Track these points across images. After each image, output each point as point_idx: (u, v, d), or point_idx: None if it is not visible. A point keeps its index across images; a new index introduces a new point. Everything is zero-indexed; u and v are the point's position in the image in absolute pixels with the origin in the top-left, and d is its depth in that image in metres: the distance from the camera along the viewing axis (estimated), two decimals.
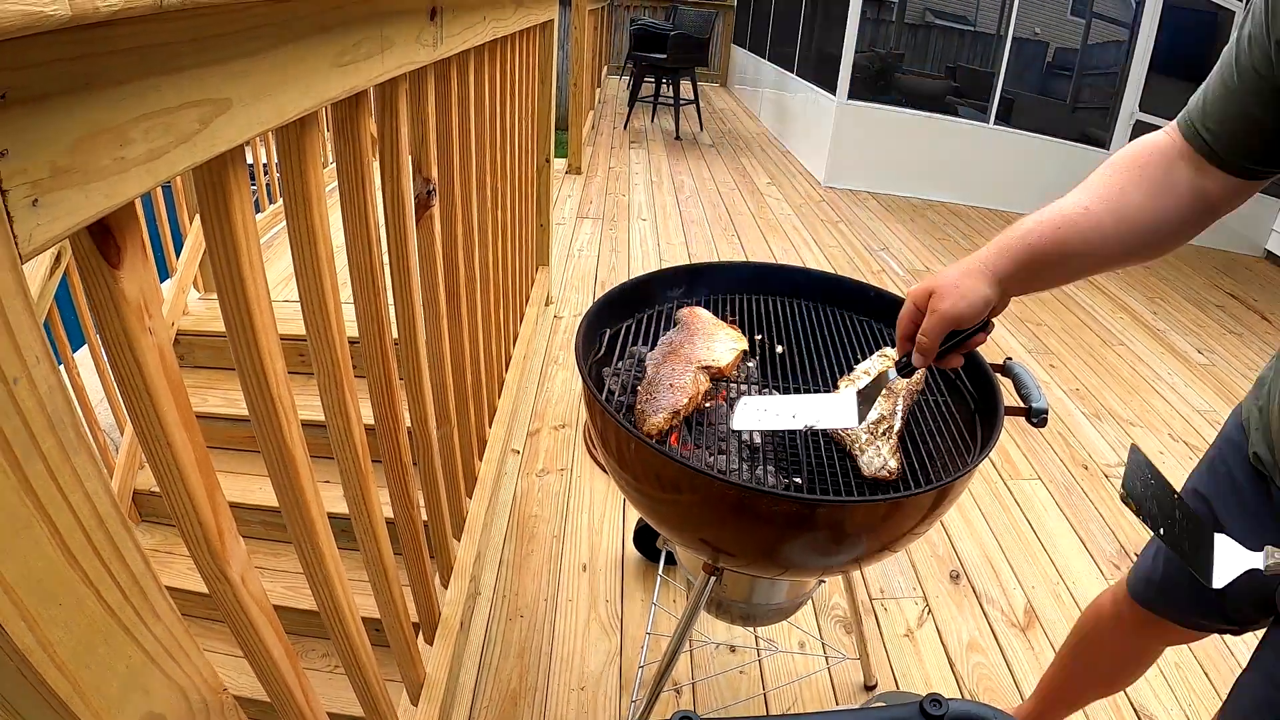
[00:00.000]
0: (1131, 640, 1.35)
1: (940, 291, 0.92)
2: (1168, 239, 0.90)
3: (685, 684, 1.81)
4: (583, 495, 2.42)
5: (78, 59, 0.44)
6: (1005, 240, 0.92)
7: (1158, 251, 0.92)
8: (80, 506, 0.49)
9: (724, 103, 10.50)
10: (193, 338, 2.60)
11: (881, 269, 4.53)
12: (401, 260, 1.25)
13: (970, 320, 0.92)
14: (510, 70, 2.12)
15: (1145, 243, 0.90)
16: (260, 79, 0.65)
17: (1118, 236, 0.89)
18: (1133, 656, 1.41)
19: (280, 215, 3.31)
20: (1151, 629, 1.26)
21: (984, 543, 2.35)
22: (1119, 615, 1.32)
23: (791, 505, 0.98)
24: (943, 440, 1.19)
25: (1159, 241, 0.91)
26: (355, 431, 1.06)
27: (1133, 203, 0.88)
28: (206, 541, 0.72)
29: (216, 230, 0.71)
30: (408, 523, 1.38)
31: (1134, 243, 0.90)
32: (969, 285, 0.91)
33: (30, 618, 0.46)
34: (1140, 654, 1.41)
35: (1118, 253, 0.91)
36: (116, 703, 0.55)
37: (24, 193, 0.42)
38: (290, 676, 0.90)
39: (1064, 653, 1.52)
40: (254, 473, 2.33)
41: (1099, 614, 1.40)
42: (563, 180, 5.83)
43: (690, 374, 1.20)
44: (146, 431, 0.64)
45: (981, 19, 6.32)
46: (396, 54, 1.02)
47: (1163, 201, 0.88)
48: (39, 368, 0.45)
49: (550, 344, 3.32)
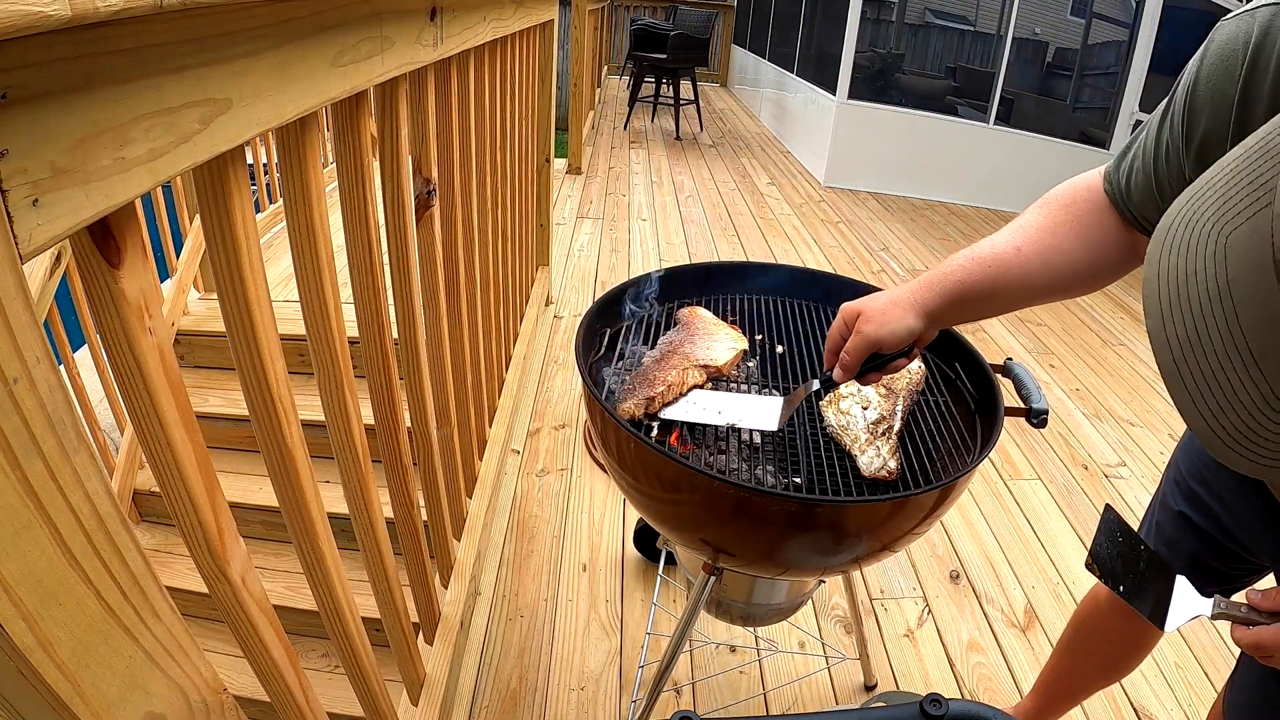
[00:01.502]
0: (1129, 622, 1.36)
1: (866, 315, 0.96)
2: (1099, 278, 0.94)
3: (685, 684, 1.81)
4: (583, 495, 2.42)
5: (78, 59, 0.44)
6: (935, 276, 0.95)
7: (1090, 288, 0.95)
8: (80, 506, 0.49)
9: (724, 103, 10.50)
10: (193, 338, 2.60)
11: (882, 269, 4.53)
12: (401, 260, 1.25)
13: (891, 347, 0.97)
14: (510, 70, 2.12)
15: (1076, 281, 0.93)
16: (260, 79, 0.65)
17: (1047, 277, 0.92)
18: (1131, 640, 1.42)
19: (280, 215, 3.31)
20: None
21: (984, 543, 2.35)
22: (1107, 599, 1.36)
23: (791, 505, 0.98)
24: (943, 440, 1.19)
25: (1090, 280, 0.94)
26: (355, 431, 1.06)
27: (1063, 246, 0.91)
28: (206, 541, 0.72)
29: (216, 230, 0.71)
30: (407, 523, 1.38)
31: (1064, 282, 0.93)
32: (895, 315, 0.95)
33: (30, 617, 0.46)
34: (1138, 638, 1.41)
35: (1046, 290, 0.94)
36: (116, 703, 0.55)
37: (24, 192, 0.42)
38: (290, 676, 0.90)
39: (1062, 645, 1.53)
40: (254, 473, 2.33)
41: (1096, 600, 1.42)
42: (563, 180, 5.83)
43: (680, 369, 1.20)
44: (146, 431, 0.64)
45: (981, 19, 6.32)
46: (396, 54, 1.02)
47: (1093, 246, 0.91)
48: (39, 367, 0.45)
49: (550, 344, 3.32)
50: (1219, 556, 1.12)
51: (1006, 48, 5.93)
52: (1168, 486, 1.19)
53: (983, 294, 0.93)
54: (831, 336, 1.02)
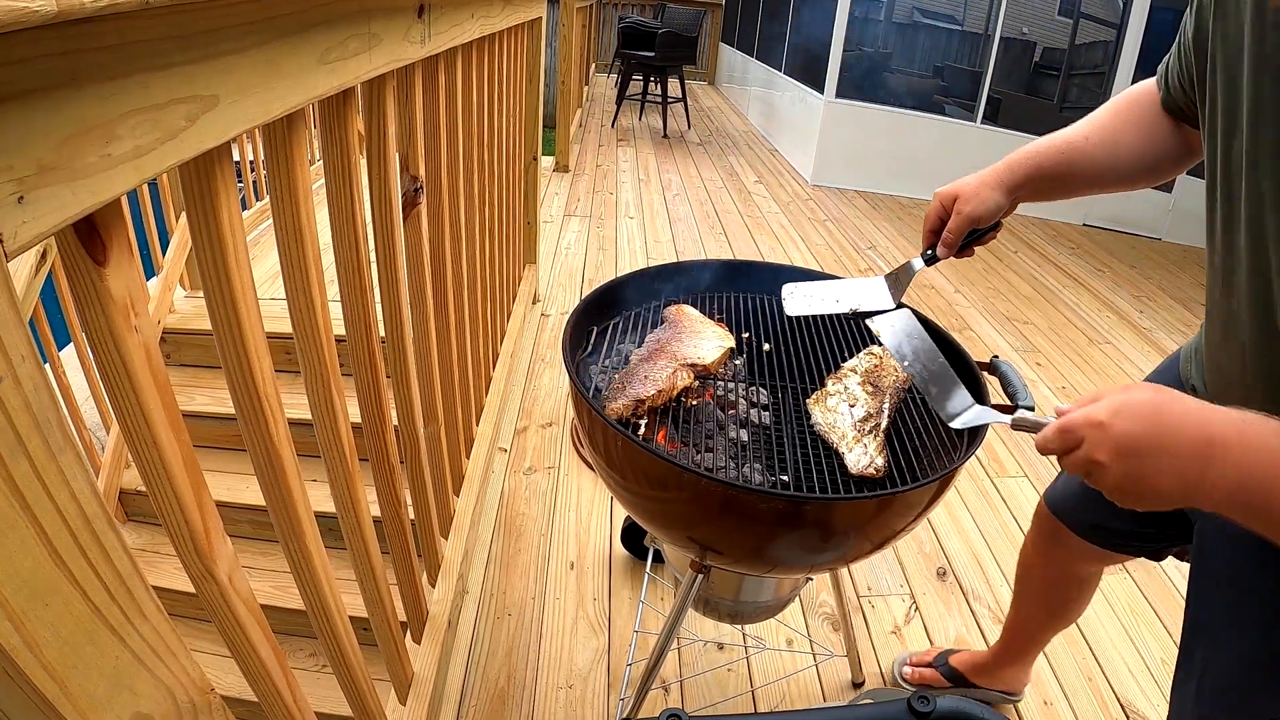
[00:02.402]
0: (1055, 556, 1.43)
1: (964, 196, 1.10)
2: (1154, 171, 1.09)
3: (673, 681, 1.82)
4: (570, 493, 2.42)
5: (64, 55, 0.44)
6: (1016, 159, 1.10)
7: (1151, 179, 1.10)
8: (66, 506, 0.49)
9: (712, 101, 10.51)
10: (179, 336, 2.58)
11: (869, 267, 4.54)
12: (389, 258, 1.25)
13: (986, 221, 1.11)
14: (498, 68, 2.11)
15: (1134, 172, 1.09)
16: (247, 75, 0.65)
17: (1111, 164, 1.08)
18: (1063, 578, 1.48)
19: (267, 212, 3.30)
20: (1068, 545, 1.37)
21: (971, 540, 2.37)
22: (1040, 533, 1.45)
23: (779, 503, 0.98)
24: (929, 438, 1.19)
25: (1147, 172, 1.09)
26: (342, 430, 1.05)
27: (1124, 140, 1.07)
28: (193, 541, 0.71)
29: (203, 228, 0.70)
30: (395, 521, 1.37)
31: (1125, 171, 1.08)
32: (987, 193, 1.09)
33: (16, 618, 0.46)
34: (1068, 576, 1.47)
35: (1110, 179, 1.09)
36: (103, 703, 0.55)
37: (10, 190, 0.42)
38: (278, 676, 0.90)
39: (1014, 588, 1.63)
40: (241, 472, 2.32)
41: (1026, 546, 1.51)
42: (550, 178, 5.82)
43: (669, 370, 1.20)
44: (132, 430, 0.63)
45: (969, 18, 6.35)
46: (384, 51, 1.01)
47: (1149, 141, 1.06)
48: (24, 366, 0.45)
49: (538, 342, 3.32)
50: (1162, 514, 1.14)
51: (994, 47, 5.96)
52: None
53: (1057, 175, 1.09)
54: (929, 219, 1.16)
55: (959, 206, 1.11)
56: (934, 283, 4.37)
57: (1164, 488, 0.69)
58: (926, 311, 1.39)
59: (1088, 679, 1.90)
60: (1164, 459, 0.68)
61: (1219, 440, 0.66)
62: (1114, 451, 0.71)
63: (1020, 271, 4.74)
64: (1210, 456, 0.66)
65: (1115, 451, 0.71)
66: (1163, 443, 0.68)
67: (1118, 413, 0.71)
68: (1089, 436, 0.73)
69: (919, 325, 1.16)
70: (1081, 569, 1.44)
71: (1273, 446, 0.64)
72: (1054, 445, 0.77)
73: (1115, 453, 0.71)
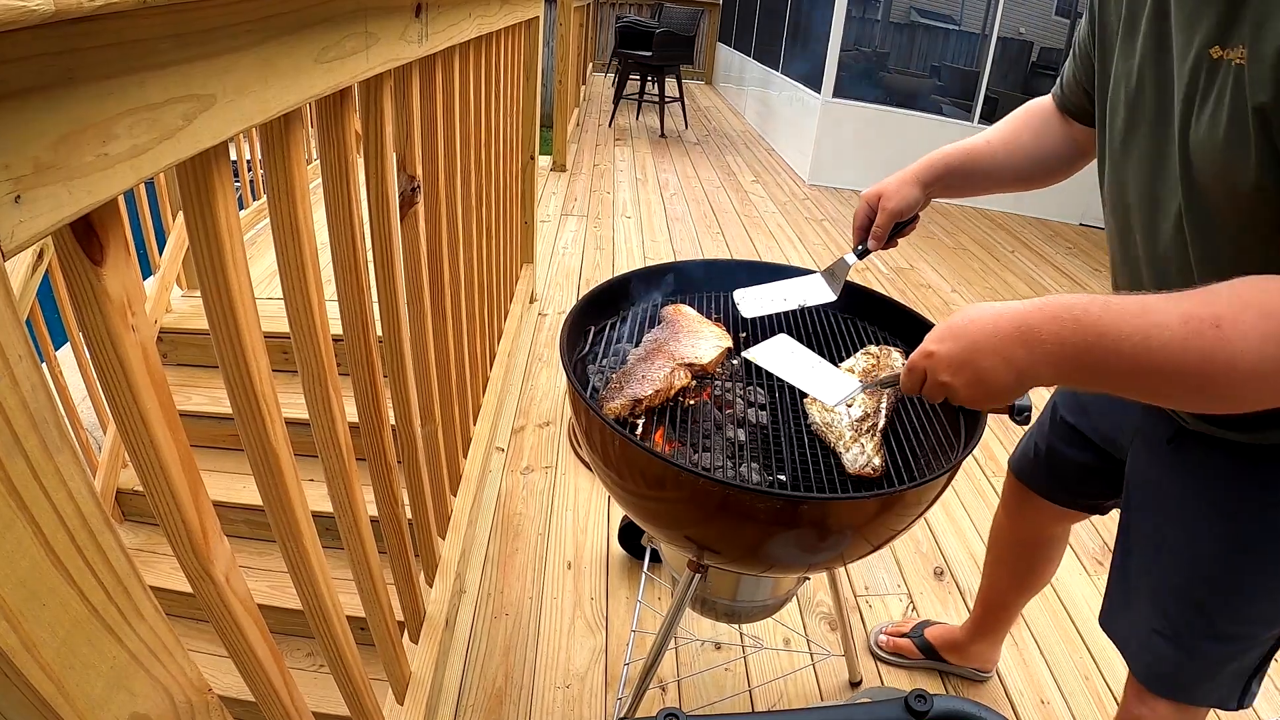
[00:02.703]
0: (1020, 518, 1.54)
1: (887, 194, 1.24)
2: (1048, 170, 1.25)
3: (671, 681, 1.82)
4: (567, 493, 2.42)
5: (61, 54, 0.44)
6: (931, 159, 1.26)
7: (1044, 180, 1.26)
8: (63, 506, 0.49)
9: (709, 100, 10.51)
10: (176, 335, 2.58)
11: (865, 266, 4.55)
12: (386, 257, 1.25)
13: (907, 214, 1.26)
14: (495, 67, 2.11)
15: (1031, 171, 1.25)
16: (244, 75, 0.65)
17: (1010, 165, 1.24)
18: (1031, 539, 1.57)
19: (264, 212, 3.29)
20: (1031, 505, 1.47)
21: (968, 539, 2.37)
22: (1008, 498, 1.55)
23: (776, 502, 0.99)
24: (926, 438, 1.19)
25: (1041, 170, 1.25)
26: (339, 429, 1.05)
27: (1022, 142, 1.24)
28: (190, 541, 0.71)
29: (200, 227, 0.70)
30: (392, 521, 1.37)
31: (1023, 170, 1.25)
32: (907, 190, 1.24)
33: (13, 618, 0.46)
34: (1036, 537, 1.56)
35: (1009, 177, 1.26)
36: (101, 703, 0.55)
37: (7, 189, 0.42)
38: (275, 676, 0.90)
39: (986, 557, 1.71)
40: (238, 471, 2.32)
41: (1000, 507, 1.60)
42: (547, 178, 5.82)
43: (667, 369, 1.20)
44: (129, 430, 0.63)
45: (966, 18, 6.35)
46: (381, 50, 1.01)
47: (1044, 143, 1.23)
48: (21, 365, 0.44)
49: (535, 341, 3.32)
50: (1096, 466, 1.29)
51: (991, 47, 5.96)
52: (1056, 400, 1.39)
53: (964, 173, 1.25)
54: (859, 218, 1.29)
55: (883, 204, 1.24)
56: (930, 282, 4.38)
57: (1003, 380, 0.80)
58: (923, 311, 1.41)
59: (1084, 678, 1.90)
60: (990, 357, 0.80)
61: (1032, 325, 0.77)
62: (950, 369, 0.84)
63: (1017, 271, 4.75)
64: (1028, 340, 0.77)
65: (951, 368, 0.84)
66: (985, 344, 0.81)
67: (941, 339, 0.85)
68: (928, 366, 0.87)
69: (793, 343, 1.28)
70: (1047, 529, 1.54)
71: (1076, 314, 0.75)
72: (911, 385, 0.91)
73: (951, 369, 0.84)
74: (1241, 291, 0.70)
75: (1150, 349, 0.71)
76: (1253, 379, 0.69)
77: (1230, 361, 0.69)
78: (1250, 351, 0.68)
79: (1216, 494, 1.00)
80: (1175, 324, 0.71)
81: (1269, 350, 0.67)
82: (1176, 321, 0.71)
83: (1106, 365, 0.74)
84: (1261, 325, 0.68)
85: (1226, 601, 1.02)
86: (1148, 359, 0.72)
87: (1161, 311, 0.72)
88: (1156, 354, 0.71)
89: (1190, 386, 0.72)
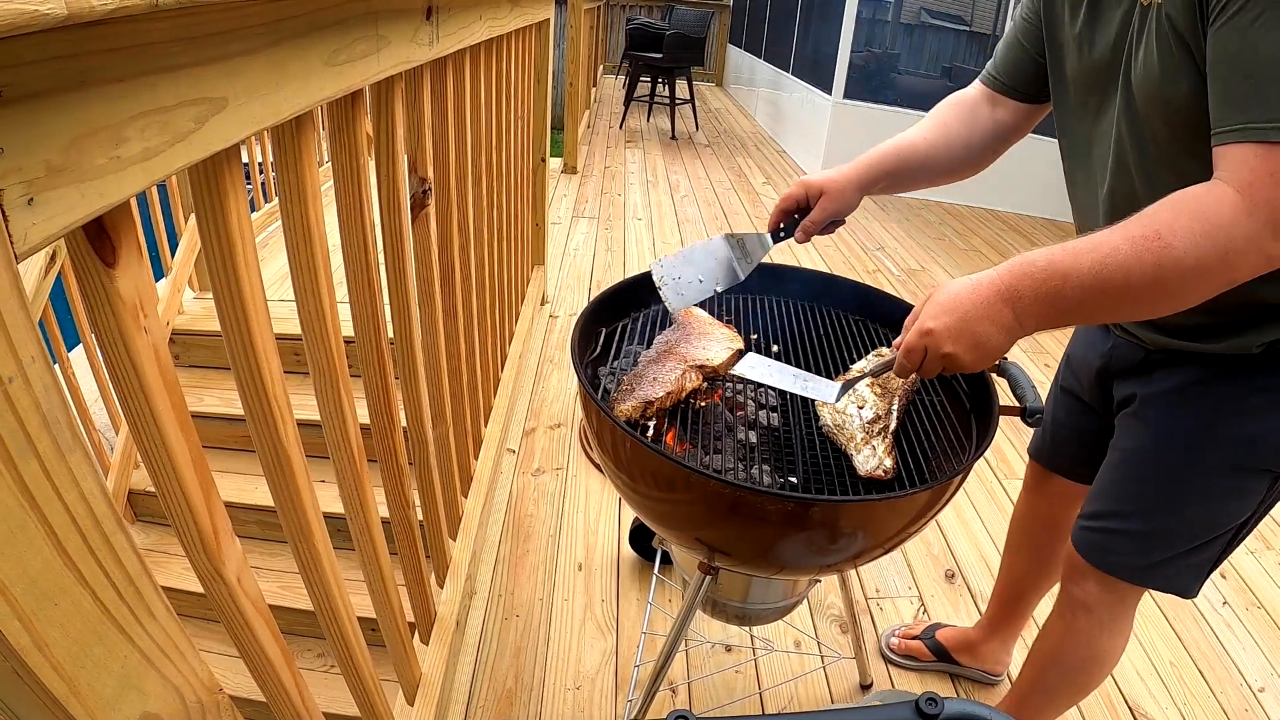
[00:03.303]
0: (1039, 498, 1.58)
1: (831, 194, 1.26)
2: (978, 160, 1.31)
3: (681, 683, 1.81)
4: (578, 495, 2.42)
5: (73, 57, 0.44)
6: (869, 162, 1.28)
7: (974, 166, 1.32)
8: (76, 506, 0.49)
9: (719, 102, 10.50)
10: (188, 337, 2.59)
11: (877, 269, 4.53)
12: (397, 259, 1.25)
13: (843, 214, 1.28)
14: (506, 69, 2.12)
15: (963, 162, 1.30)
16: (256, 78, 0.65)
17: (946, 155, 1.29)
18: (1047, 520, 1.59)
19: (275, 214, 3.31)
20: (1048, 484, 1.53)
21: (979, 542, 2.36)
22: (1027, 482, 1.60)
23: (787, 505, 0.98)
24: (938, 440, 1.19)
25: (973, 161, 1.31)
26: (351, 431, 1.06)
27: (955, 133, 1.29)
28: (202, 541, 0.71)
29: (212, 229, 0.70)
30: (403, 522, 1.38)
31: (956, 159, 1.30)
32: (850, 195, 1.27)
33: (26, 618, 0.46)
34: (1053, 519, 1.57)
35: (944, 168, 1.30)
36: (112, 703, 0.55)
37: (19, 191, 0.42)
38: (286, 676, 0.90)
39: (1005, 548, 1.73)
40: (250, 472, 2.33)
41: (1021, 496, 1.64)
42: (558, 180, 5.83)
43: (678, 371, 1.20)
44: (142, 431, 0.64)
45: (977, 19, 6.32)
46: (392, 53, 1.02)
47: (973, 132, 1.29)
48: (34, 367, 0.45)
49: (546, 343, 3.32)
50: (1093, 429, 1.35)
51: None
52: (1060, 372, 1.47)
53: (899, 173, 1.28)
54: (789, 200, 1.29)
55: (824, 204, 1.26)
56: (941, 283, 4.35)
57: (996, 339, 0.92)
58: None
59: None
60: (982, 323, 0.92)
61: (1010, 285, 0.90)
62: (951, 339, 0.94)
63: None
64: (1010, 298, 0.90)
65: (951, 339, 0.93)
66: (975, 312, 0.92)
67: (935, 316, 0.95)
68: (928, 344, 0.96)
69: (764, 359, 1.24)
70: (1064, 509, 1.54)
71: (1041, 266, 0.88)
72: (910, 364, 0.99)
73: (952, 339, 0.93)
74: (1172, 204, 0.84)
75: (1110, 272, 0.84)
76: (1197, 270, 0.82)
77: (1177, 261, 0.82)
78: (1191, 249, 0.81)
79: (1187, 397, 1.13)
80: (1124, 247, 0.84)
81: (1204, 245, 0.81)
82: (1124, 244, 0.84)
83: (1078, 299, 0.87)
84: (1194, 226, 0.81)
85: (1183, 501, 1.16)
86: (1109, 281, 0.84)
87: (1109, 242, 0.85)
88: (1115, 274, 0.84)
89: (1151, 293, 0.85)
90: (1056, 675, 1.41)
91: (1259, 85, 0.79)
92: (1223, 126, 0.83)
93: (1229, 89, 0.82)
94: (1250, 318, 1.03)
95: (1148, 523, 1.19)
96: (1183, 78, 0.88)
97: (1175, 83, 0.89)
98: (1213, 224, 0.81)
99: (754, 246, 1.29)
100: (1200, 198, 0.82)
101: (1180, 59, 0.88)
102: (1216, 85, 0.83)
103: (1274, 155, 0.79)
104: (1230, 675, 1.95)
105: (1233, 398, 1.08)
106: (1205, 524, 1.16)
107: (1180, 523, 1.17)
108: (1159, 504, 1.17)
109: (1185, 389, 1.12)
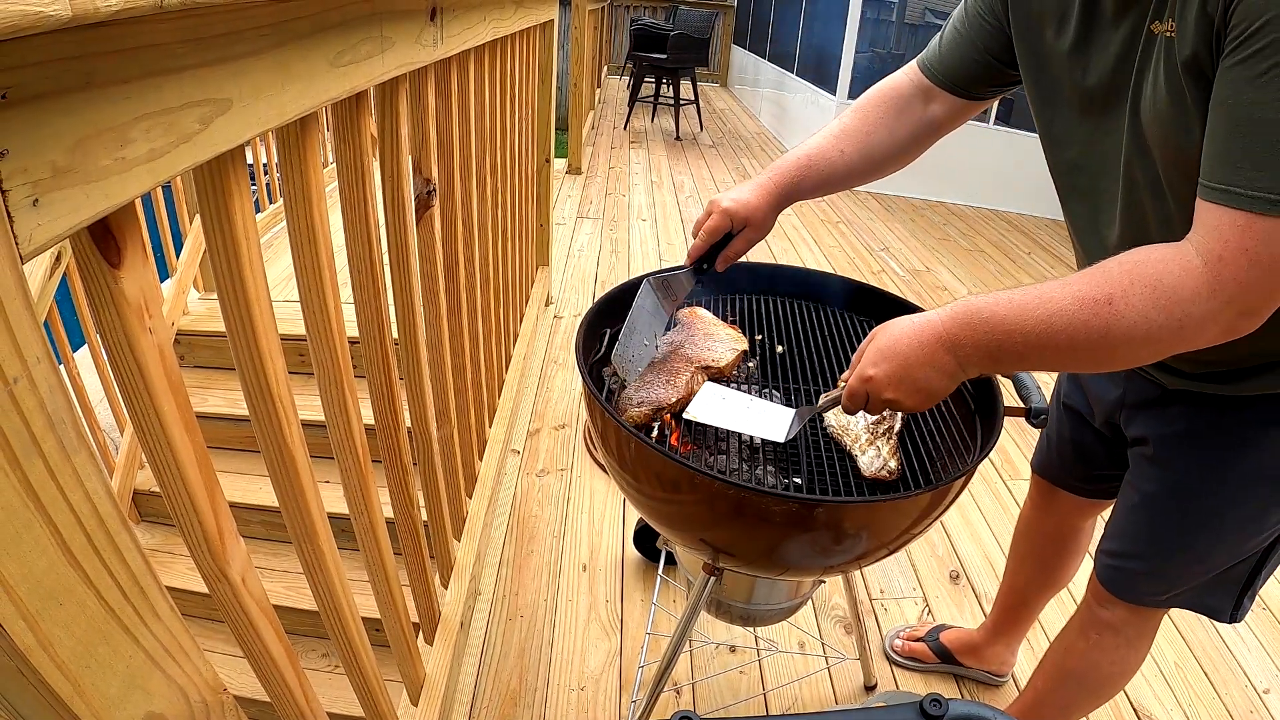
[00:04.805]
0: (1046, 514, 1.57)
1: (754, 224, 1.23)
2: (903, 156, 1.26)
3: (685, 684, 1.81)
4: (583, 495, 2.42)
5: (78, 59, 0.44)
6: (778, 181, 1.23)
7: (897, 166, 1.27)
8: (80, 506, 0.49)
9: (724, 103, 10.50)
10: (193, 337, 2.60)
11: (881, 269, 4.53)
12: (401, 260, 1.25)
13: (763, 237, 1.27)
14: (510, 70, 2.12)
15: (886, 160, 1.25)
16: (260, 79, 0.65)
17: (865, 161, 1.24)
18: (1053, 533, 1.59)
19: (280, 215, 3.31)
20: (1053, 498, 1.52)
21: (984, 543, 2.35)
22: (1031, 494, 1.59)
23: (791, 505, 0.98)
24: (942, 441, 1.19)
25: (898, 158, 1.26)
26: (355, 431, 1.06)
27: (877, 136, 1.23)
28: (206, 542, 0.72)
29: (216, 230, 0.71)
30: (408, 523, 1.38)
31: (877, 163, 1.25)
32: (769, 218, 1.24)
33: (31, 617, 0.46)
34: (1058, 531, 1.58)
35: (865, 169, 1.25)
36: (117, 703, 0.55)
37: (24, 192, 0.42)
38: (290, 676, 0.90)
39: (1009, 554, 1.73)
40: (254, 473, 2.33)
41: (1027, 505, 1.63)
42: (563, 180, 5.83)
43: (687, 374, 1.20)
44: (146, 431, 0.64)
45: None
46: (397, 54, 1.02)
47: (899, 130, 1.23)
48: (39, 367, 0.45)
49: (550, 344, 3.32)
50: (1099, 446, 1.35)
51: None
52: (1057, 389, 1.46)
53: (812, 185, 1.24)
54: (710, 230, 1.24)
55: (749, 234, 1.24)
56: (947, 284, 4.35)
57: (938, 383, 0.92)
58: None
59: None
60: (922, 369, 0.91)
61: (950, 333, 0.89)
62: (890, 386, 0.93)
63: (1034, 273, 4.72)
64: (951, 346, 0.89)
65: (891, 385, 0.93)
66: (915, 358, 0.91)
67: (875, 363, 0.94)
68: (869, 390, 0.95)
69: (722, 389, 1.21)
70: (1069, 521, 1.56)
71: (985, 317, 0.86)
72: (853, 406, 0.99)
73: (892, 386, 0.93)
74: (1131, 267, 0.80)
75: (1055, 332, 0.82)
76: (1148, 341, 0.79)
77: (1127, 330, 0.79)
78: (1142, 320, 0.78)
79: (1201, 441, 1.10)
80: (1072, 308, 0.81)
81: (1157, 318, 0.78)
82: (1072, 305, 0.81)
83: (1019, 352, 0.86)
84: (1149, 296, 0.78)
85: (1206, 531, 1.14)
86: (1054, 340, 0.82)
87: (1057, 300, 0.82)
88: (1060, 335, 0.82)
89: (1097, 355, 0.83)
90: (1076, 689, 1.39)
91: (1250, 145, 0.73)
92: (1209, 180, 0.77)
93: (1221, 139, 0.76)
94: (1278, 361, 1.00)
95: (1167, 563, 1.18)
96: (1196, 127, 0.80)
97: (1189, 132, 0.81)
98: (1170, 297, 0.77)
99: (678, 286, 1.29)
100: (1161, 264, 0.78)
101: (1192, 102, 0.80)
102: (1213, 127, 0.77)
103: (1252, 229, 0.73)
104: (1235, 677, 1.95)
105: (1251, 434, 1.06)
106: (1226, 555, 1.15)
107: (1200, 559, 1.16)
108: (1179, 545, 1.16)
109: (1202, 433, 1.10)
